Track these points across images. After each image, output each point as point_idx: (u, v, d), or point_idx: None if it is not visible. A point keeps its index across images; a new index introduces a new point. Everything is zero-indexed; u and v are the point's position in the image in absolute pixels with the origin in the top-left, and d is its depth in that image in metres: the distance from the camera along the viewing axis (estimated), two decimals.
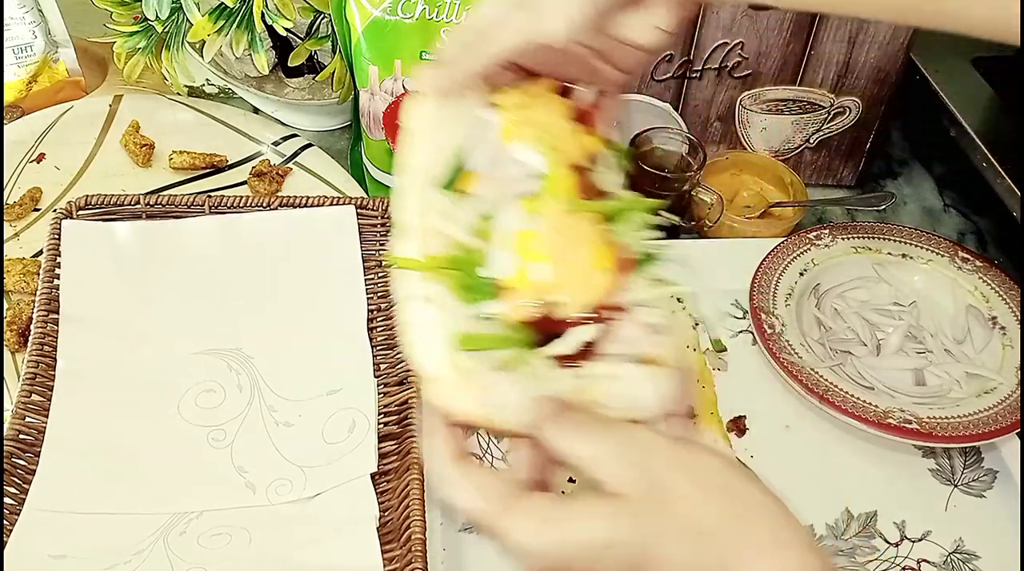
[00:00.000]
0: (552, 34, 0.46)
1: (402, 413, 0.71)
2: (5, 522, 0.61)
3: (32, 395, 0.68)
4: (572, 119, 0.50)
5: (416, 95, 0.48)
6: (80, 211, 0.77)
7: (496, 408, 0.42)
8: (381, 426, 0.70)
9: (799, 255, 0.85)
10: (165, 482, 0.66)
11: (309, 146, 0.96)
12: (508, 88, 0.49)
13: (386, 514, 0.65)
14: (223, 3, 0.87)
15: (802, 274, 0.84)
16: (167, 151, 0.93)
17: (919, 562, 0.68)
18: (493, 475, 0.42)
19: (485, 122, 0.48)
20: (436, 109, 0.47)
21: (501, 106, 0.48)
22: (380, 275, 0.78)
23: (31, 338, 0.70)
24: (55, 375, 0.69)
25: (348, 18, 0.80)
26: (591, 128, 0.50)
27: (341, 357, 0.74)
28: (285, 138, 0.97)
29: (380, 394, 0.72)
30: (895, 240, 0.87)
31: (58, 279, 0.74)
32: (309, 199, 0.79)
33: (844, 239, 0.87)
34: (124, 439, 0.68)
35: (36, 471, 0.65)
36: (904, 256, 0.86)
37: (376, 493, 0.66)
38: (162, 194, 0.83)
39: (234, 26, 0.89)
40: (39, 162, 0.92)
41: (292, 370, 0.73)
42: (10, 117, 0.96)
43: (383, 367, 0.74)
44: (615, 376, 0.44)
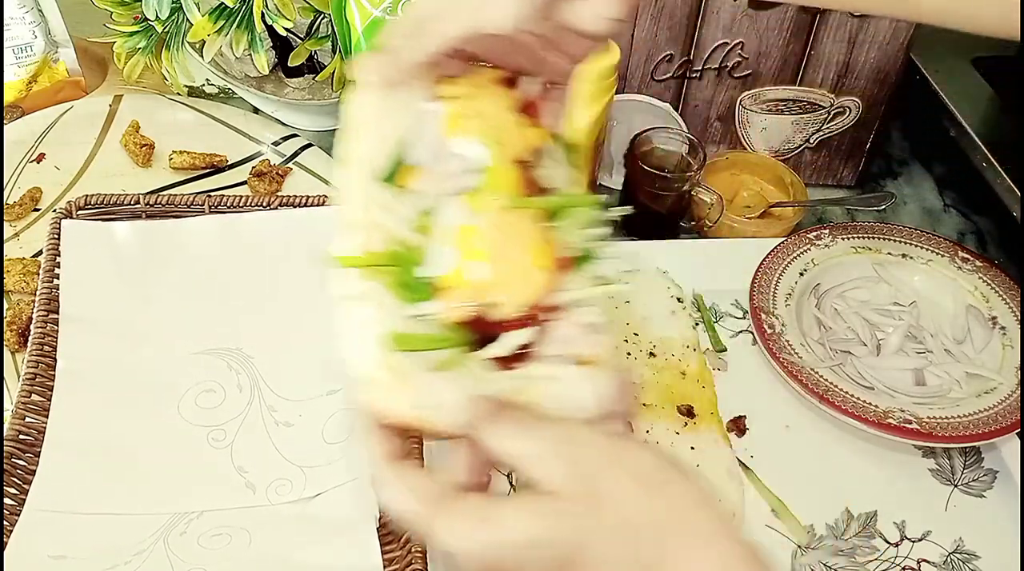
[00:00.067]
0: (497, 22, 0.45)
1: None
2: (5, 523, 0.61)
3: (32, 395, 0.68)
4: (518, 111, 0.49)
5: (358, 86, 0.47)
6: (80, 211, 0.77)
7: (430, 409, 0.41)
8: None
9: (799, 255, 0.85)
10: (165, 482, 0.66)
11: (309, 146, 0.96)
12: (454, 78, 0.48)
13: (386, 514, 0.65)
14: (223, 3, 0.87)
15: (802, 274, 0.84)
16: (167, 151, 0.93)
17: (919, 562, 0.68)
18: (427, 476, 0.42)
19: (428, 113, 0.47)
20: (379, 100, 0.46)
21: (445, 97, 0.47)
22: None
23: (31, 338, 0.70)
24: (55, 375, 0.69)
25: (348, 18, 0.80)
26: (537, 121, 0.49)
27: (341, 357, 0.73)
28: (285, 138, 0.97)
29: None
30: (895, 240, 0.87)
31: (58, 279, 0.74)
32: (309, 199, 0.79)
33: (844, 239, 0.87)
34: (124, 439, 0.68)
35: (36, 471, 0.64)
36: (904, 256, 0.86)
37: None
38: (162, 194, 0.83)
39: (234, 26, 0.89)
40: (39, 162, 0.92)
41: (292, 370, 0.73)
42: (10, 117, 0.96)
43: None
44: (552, 377, 0.43)
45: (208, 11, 0.88)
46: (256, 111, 1.01)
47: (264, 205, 0.79)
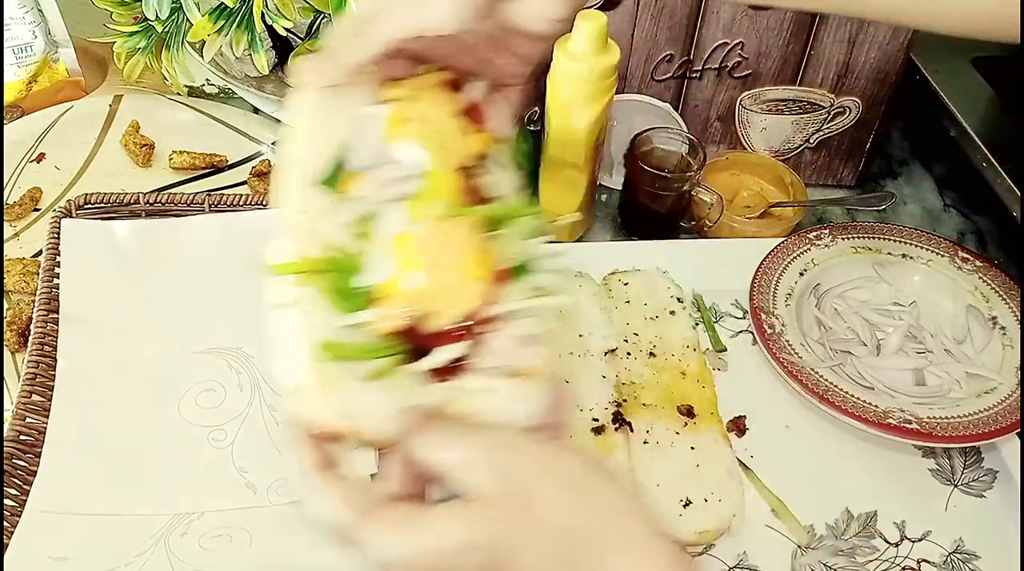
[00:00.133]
0: (437, 22, 0.44)
1: None
2: (6, 524, 0.61)
3: (32, 395, 0.68)
4: (461, 115, 0.48)
5: (299, 88, 0.46)
6: (79, 210, 0.77)
7: (360, 418, 0.41)
8: None
9: (799, 255, 0.85)
10: (166, 482, 0.66)
11: None
12: (399, 80, 0.47)
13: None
14: (223, 3, 0.87)
15: (802, 274, 0.84)
16: (167, 151, 0.93)
17: (919, 562, 0.68)
18: (357, 485, 0.42)
19: (370, 117, 0.46)
20: (319, 103, 0.45)
21: (387, 100, 0.46)
22: None
23: (31, 338, 0.70)
24: (55, 375, 0.69)
25: None
26: (481, 125, 0.48)
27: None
28: None
29: None
30: (895, 240, 0.87)
31: (58, 278, 0.74)
32: None
33: (844, 239, 0.87)
34: (124, 439, 0.68)
35: (37, 472, 0.65)
36: (904, 256, 0.86)
37: None
38: (162, 193, 0.83)
39: (234, 26, 0.89)
40: (39, 162, 0.92)
41: None
42: (10, 117, 0.96)
43: None
44: (485, 389, 0.43)
45: (208, 11, 0.88)
46: (256, 111, 1.01)
47: (264, 205, 0.79)
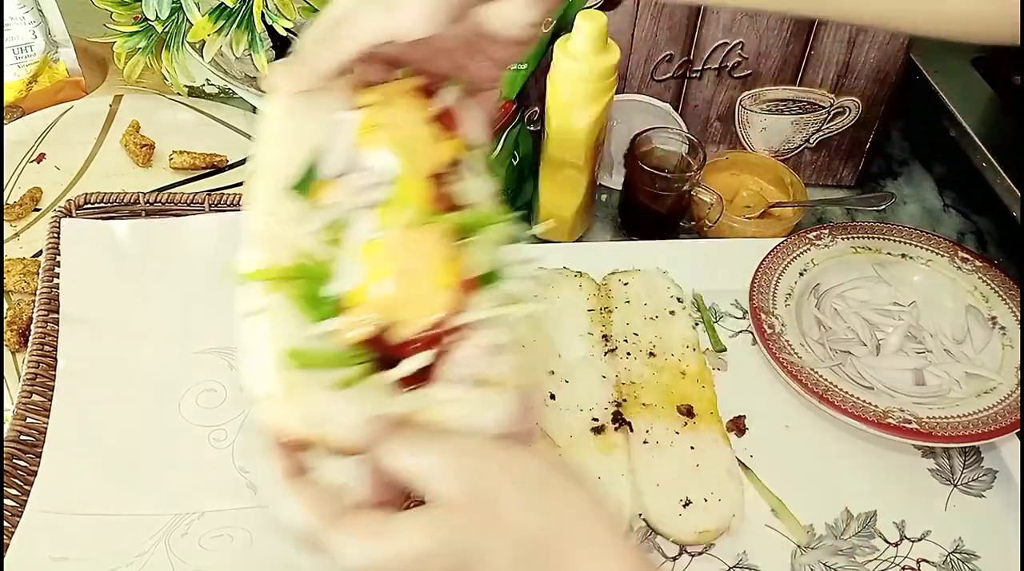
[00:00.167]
0: (408, 27, 0.43)
1: None
2: (6, 524, 0.61)
3: (33, 395, 0.68)
4: (434, 121, 0.47)
5: (271, 94, 0.45)
6: (79, 210, 0.77)
7: (327, 426, 0.41)
8: None
9: (799, 255, 0.85)
10: (166, 482, 0.66)
11: None
12: (373, 85, 0.47)
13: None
14: (223, 3, 0.87)
15: (802, 274, 0.84)
16: (167, 151, 0.93)
17: (919, 562, 0.68)
18: (325, 492, 0.42)
19: (341, 123, 0.46)
20: (291, 108, 0.45)
21: (358, 106, 0.46)
22: None
23: (31, 338, 0.70)
24: (56, 375, 0.69)
25: None
26: (453, 132, 0.48)
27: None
28: None
29: None
30: (895, 240, 0.87)
31: (58, 278, 0.74)
32: None
33: (844, 239, 0.87)
34: (125, 439, 0.68)
35: (37, 472, 0.65)
36: (904, 256, 0.87)
37: None
38: (162, 192, 0.83)
39: (234, 26, 0.89)
40: (39, 162, 0.92)
41: None
42: (10, 117, 0.96)
43: None
44: (452, 399, 0.43)
45: (208, 11, 0.88)
46: (256, 111, 1.01)
47: None
